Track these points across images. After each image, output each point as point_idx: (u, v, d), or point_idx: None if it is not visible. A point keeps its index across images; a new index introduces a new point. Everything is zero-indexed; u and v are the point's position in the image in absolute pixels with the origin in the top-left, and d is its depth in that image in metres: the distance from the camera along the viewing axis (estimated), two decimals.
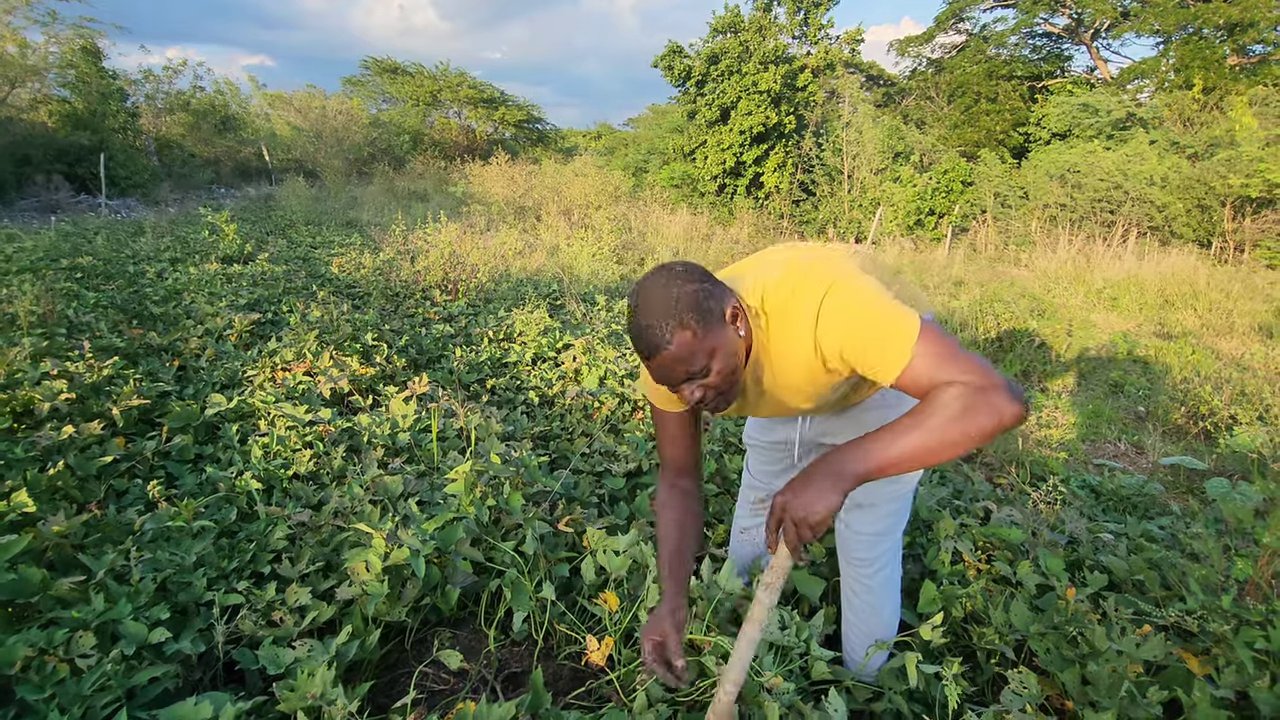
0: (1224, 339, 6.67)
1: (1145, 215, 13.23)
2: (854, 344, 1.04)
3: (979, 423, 0.94)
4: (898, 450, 0.98)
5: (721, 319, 1.07)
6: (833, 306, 1.05)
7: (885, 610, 1.53)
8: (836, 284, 1.06)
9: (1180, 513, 2.72)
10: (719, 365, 1.08)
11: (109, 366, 2.75)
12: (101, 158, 12.44)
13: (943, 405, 0.96)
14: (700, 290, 1.05)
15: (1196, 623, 1.60)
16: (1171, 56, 16.61)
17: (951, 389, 0.96)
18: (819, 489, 1.01)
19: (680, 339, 1.04)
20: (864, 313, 1.04)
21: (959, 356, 0.99)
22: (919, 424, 0.97)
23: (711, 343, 1.06)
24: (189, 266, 5.61)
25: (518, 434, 2.77)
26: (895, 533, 1.49)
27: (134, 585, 1.48)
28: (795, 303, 1.09)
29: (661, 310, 1.04)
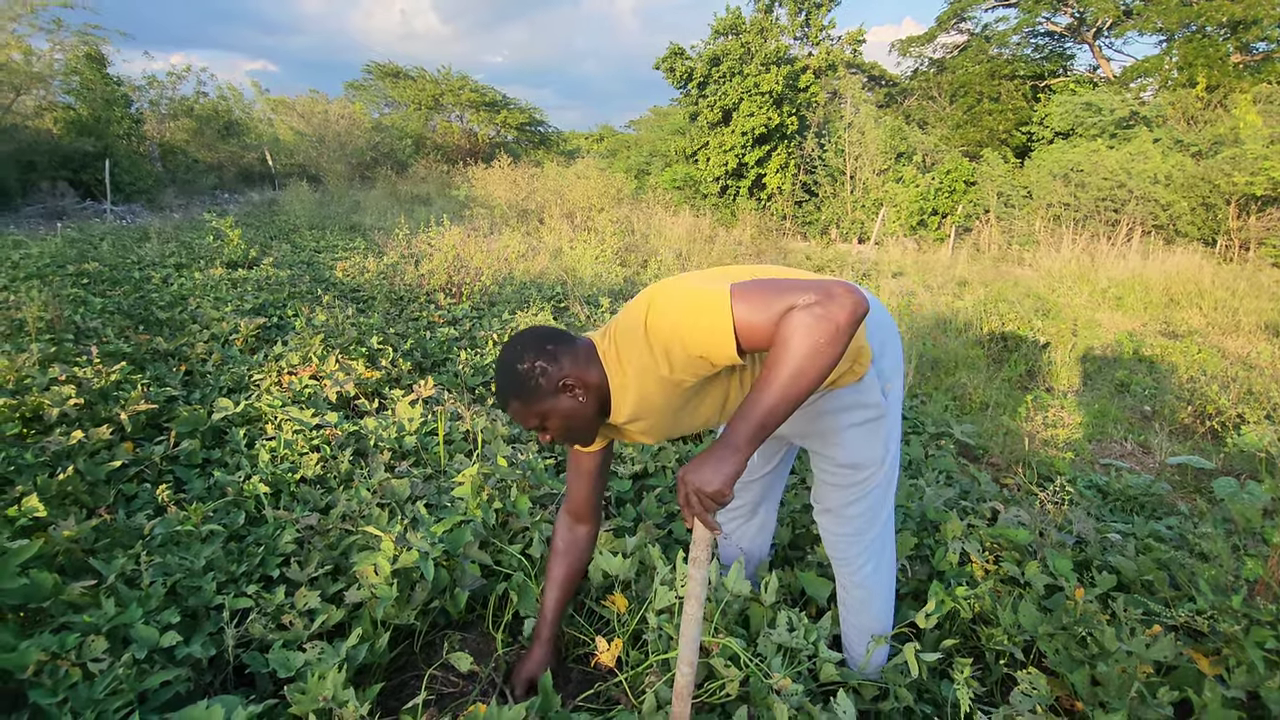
0: (1230, 338, 6.65)
1: (1149, 214, 13.19)
2: (686, 338, 1.11)
3: (823, 331, 1.01)
4: (772, 395, 1.05)
5: (552, 391, 1.21)
6: (654, 317, 1.14)
7: (875, 603, 1.55)
8: (655, 298, 1.16)
9: (1188, 513, 2.71)
10: (552, 424, 1.25)
11: (116, 372, 2.76)
12: (106, 164, 12.50)
13: (788, 335, 1.03)
14: (532, 369, 1.20)
15: (1207, 623, 1.59)
16: (1175, 55, 16.57)
17: (788, 320, 1.03)
18: (714, 460, 1.10)
19: (513, 406, 1.23)
20: (678, 308, 1.12)
21: (776, 290, 1.06)
22: (777, 363, 1.04)
23: (540, 408, 1.22)
24: (194, 272, 5.64)
25: (523, 436, 2.78)
26: (870, 531, 1.50)
27: (144, 589, 1.49)
28: (630, 332, 1.19)
29: (501, 380, 1.23)
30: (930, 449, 3.12)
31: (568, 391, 1.22)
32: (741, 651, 1.43)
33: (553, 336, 1.25)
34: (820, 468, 1.50)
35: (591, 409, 1.24)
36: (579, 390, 1.22)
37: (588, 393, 1.23)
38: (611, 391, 1.25)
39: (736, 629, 1.60)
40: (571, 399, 1.22)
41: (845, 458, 1.42)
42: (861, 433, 1.40)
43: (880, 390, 1.39)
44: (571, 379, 1.21)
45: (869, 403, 1.38)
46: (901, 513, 2.19)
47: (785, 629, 1.53)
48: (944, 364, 4.80)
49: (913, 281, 8.63)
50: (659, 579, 1.63)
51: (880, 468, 1.44)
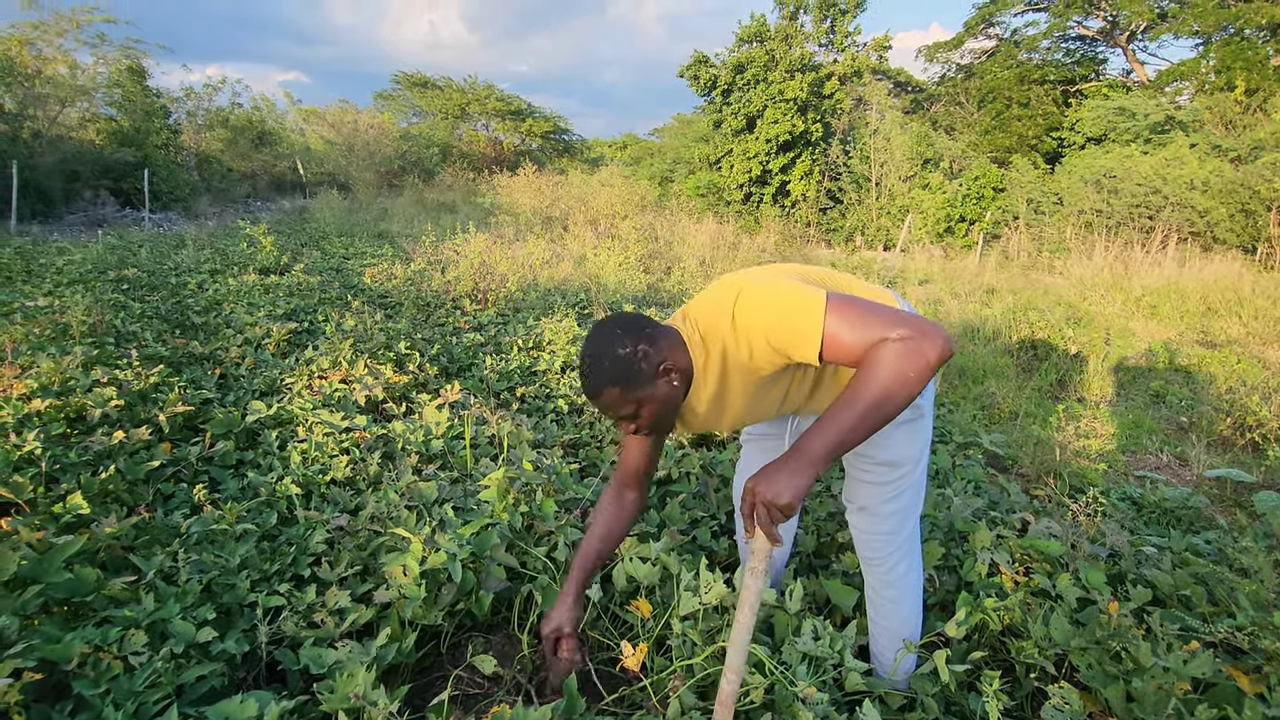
0: (1272, 348, 6.45)
1: (1186, 220, 12.87)
2: (771, 331, 1.14)
3: (914, 365, 1.05)
4: (854, 415, 1.08)
5: (651, 376, 1.20)
6: (744, 306, 1.16)
7: (905, 605, 1.54)
8: (745, 286, 1.18)
9: (1227, 527, 2.64)
10: (646, 412, 1.23)
11: (155, 374, 2.85)
12: (145, 173, 12.91)
13: (876, 366, 1.06)
14: (633, 353, 1.18)
15: (1246, 639, 1.55)
16: (1212, 58, 16.17)
17: (880, 348, 1.06)
18: (788, 472, 1.09)
19: (608, 395, 1.20)
20: (770, 302, 1.15)
21: (873, 315, 1.09)
22: (864, 386, 1.07)
23: (637, 396, 1.20)
24: (228, 278, 5.78)
25: (548, 441, 2.80)
26: (903, 530, 1.51)
27: (181, 586, 1.53)
28: (716, 317, 1.20)
29: (595, 367, 1.20)
30: (958, 458, 3.07)
31: (665, 376, 1.22)
32: (766, 659, 1.42)
33: (646, 321, 1.24)
34: (857, 465, 1.50)
35: (682, 394, 1.25)
36: (675, 375, 1.22)
37: (681, 378, 1.24)
38: (694, 375, 1.26)
39: (761, 637, 1.60)
40: (668, 384, 1.22)
41: (884, 455, 1.42)
42: (903, 431, 1.41)
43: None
44: (669, 363, 1.21)
45: (915, 402, 1.40)
46: (929, 522, 2.16)
47: (810, 637, 1.52)
48: (972, 372, 4.73)
49: (939, 289, 8.53)
50: (683, 585, 1.63)
51: (915, 466, 1.45)
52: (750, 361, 1.19)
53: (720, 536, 2.18)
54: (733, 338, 1.18)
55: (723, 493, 2.41)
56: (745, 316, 1.16)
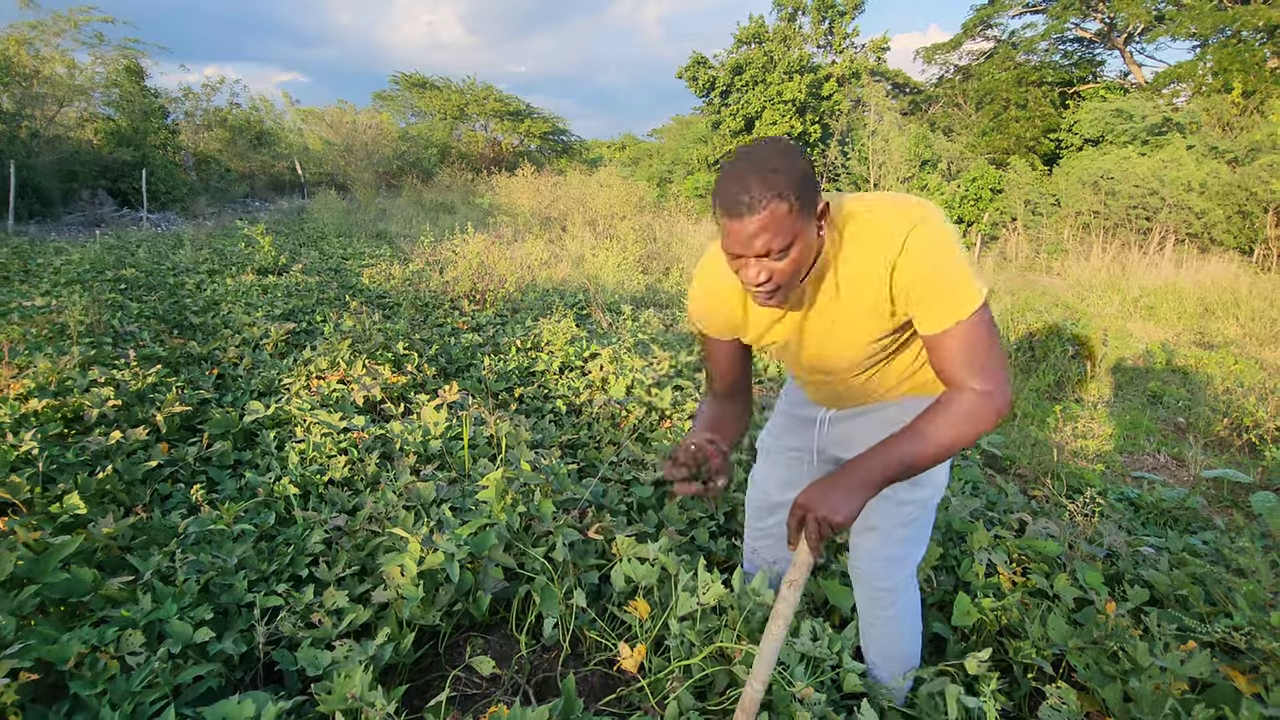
0: (1269, 349, 6.47)
1: (1183, 222, 12.90)
2: (925, 284, 1.06)
3: (975, 429, 1.08)
4: (918, 449, 1.09)
5: (814, 210, 1.03)
6: (921, 238, 1.05)
7: (906, 642, 1.49)
8: (929, 219, 1.06)
9: (1224, 527, 2.64)
10: (795, 253, 1.03)
11: (152, 374, 2.84)
12: (143, 173, 12.89)
13: (957, 415, 1.08)
14: (808, 172, 1.02)
15: (1244, 639, 1.55)
16: (1209, 60, 16.21)
17: (964, 396, 1.08)
18: (843, 491, 1.08)
19: (775, 209, 0.99)
20: (946, 258, 1.06)
21: (990, 357, 1.08)
22: (935, 430, 1.08)
23: (798, 226, 1.01)
24: (226, 278, 5.77)
25: (546, 442, 2.80)
26: (912, 559, 1.45)
27: (179, 586, 1.53)
28: (881, 226, 1.07)
29: (766, 174, 0.99)
30: (956, 459, 3.08)
31: (821, 220, 1.06)
32: None
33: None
34: None
35: (814, 259, 1.10)
36: (825, 229, 1.08)
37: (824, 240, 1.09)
38: (816, 264, 1.12)
39: (759, 637, 1.60)
40: (817, 234, 1.06)
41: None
42: None
43: None
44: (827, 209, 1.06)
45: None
46: None
47: (809, 638, 1.52)
48: None
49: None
50: (681, 586, 1.63)
51: (938, 490, 1.40)
52: (880, 289, 1.08)
53: (718, 537, 2.18)
54: (887, 259, 1.06)
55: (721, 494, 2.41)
56: (915, 251, 1.04)
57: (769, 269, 1.05)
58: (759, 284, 1.06)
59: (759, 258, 1.04)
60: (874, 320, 1.15)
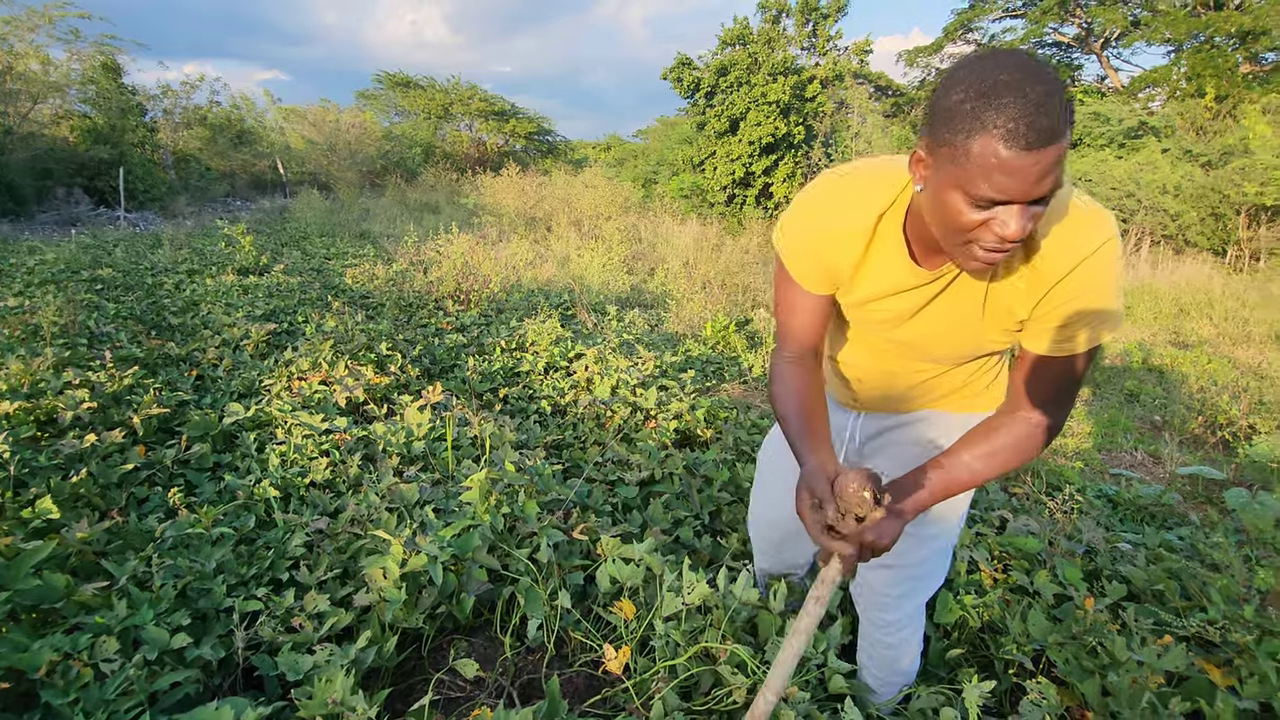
0: (1241, 348, 6.60)
1: (1159, 224, 13.14)
2: (1079, 310, 0.91)
3: (1023, 459, 1.03)
4: (959, 478, 1.03)
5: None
6: (1106, 259, 0.89)
7: (904, 661, 1.46)
8: (1117, 239, 0.90)
9: (1199, 523, 2.69)
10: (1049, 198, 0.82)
11: (129, 376, 2.79)
12: (120, 171, 12.67)
13: (1005, 441, 1.01)
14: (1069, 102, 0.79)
15: (1218, 633, 1.58)
16: (1183, 65, 16.53)
17: (1019, 424, 1.01)
18: (892, 519, 0.98)
19: (1062, 144, 0.77)
20: (1113, 287, 0.91)
21: (1075, 391, 1.02)
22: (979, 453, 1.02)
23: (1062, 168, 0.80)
24: (206, 278, 5.69)
25: (531, 443, 2.78)
26: (923, 594, 1.39)
27: (155, 591, 1.50)
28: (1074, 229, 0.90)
29: (1054, 96, 0.76)
30: None
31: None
32: (749, 659, 1.42)
33: None
34: None
35: None
36: None
37: None
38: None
39: (745, 636, 1.60)
40: None
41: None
42: None
43: None
44: None
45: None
46: None
47: None
48: None
49: None
50: (666, 586, 1.63)
51: (958, 523, 1.31)
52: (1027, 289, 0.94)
53: (703, 535, 2.19)
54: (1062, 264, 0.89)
55: (706, 493, 2.41)
56: (1092, 273, 0.89)
57: (1034, 219, 0.82)
58: (1015, 241, 0.82)
59: (1033, 203, 0.80)
60: (1009, 319, 1.00)
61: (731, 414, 3.18)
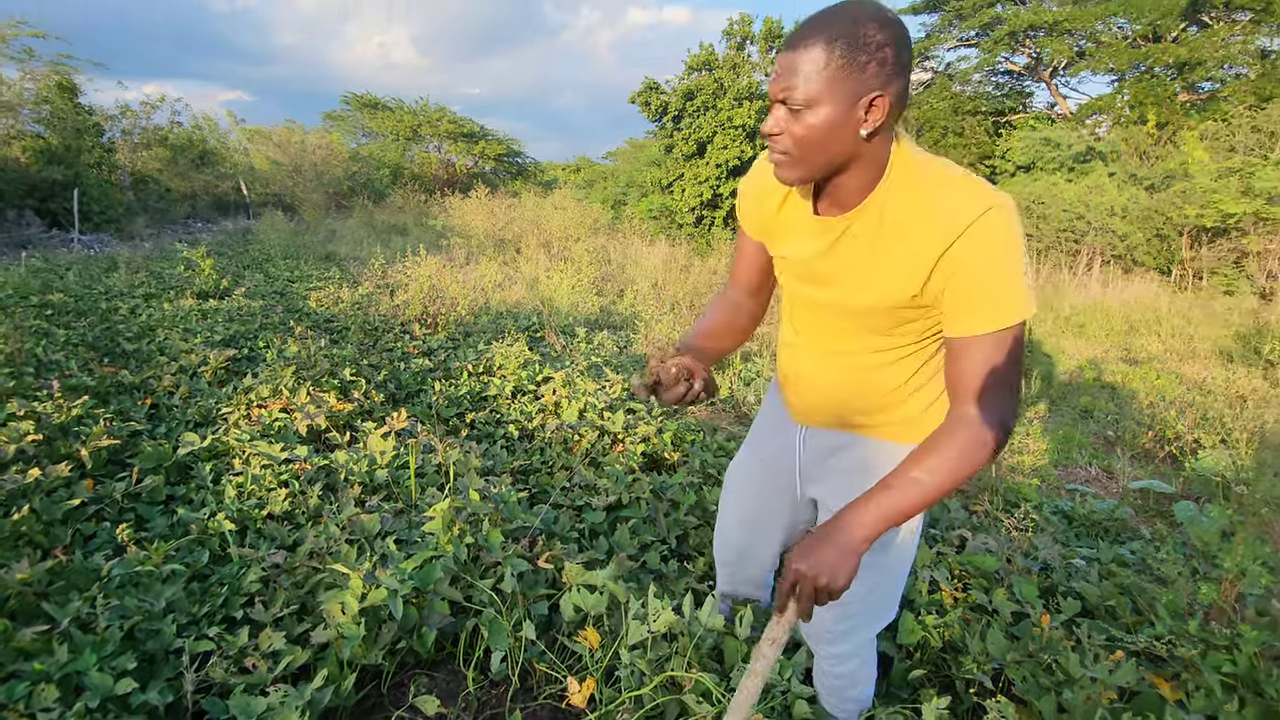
0: (1187, 363, 6.88)
1: (1108, 244, 13.68)
2: (975, 279, 0.96)
3: (974, 465, 0.99)
4: (909, 497, 0.99)
5: (862, 94, 0.92)
6: (992, 225, 0.94)
7: (853, 690, 1.45)
8: (1006, 207, 0.95)
9: (1150, 536, 2.78)
10: (812, 119, 0.93)
11: (78, 406, 2.70)
12: (75, 193, 12.32)
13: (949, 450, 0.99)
14: (885, 50, 0.90)
15: (1165, 648, 1.63)
16: (1126, 93, 17.36)
17: (960, 428, 0.99)
18: (837, 554, 0.99)
19: (815, 55, 0.90)
20: (1009, 257, 0.95)
21: (1011, 380, 0.99)
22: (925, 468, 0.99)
23: (830, 89, 0.91)
24: (163, 302, 5.55)
25: (497, 468, 2.76)
26: (872, 628, 1.37)
27: (100, 634, 1.45)
28: (953, 194, 0.96)
29: (837, 19, 0.90)
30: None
31: (865, 113, 0.94)
32: (714, 687, 1.42)
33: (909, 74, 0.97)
34: None
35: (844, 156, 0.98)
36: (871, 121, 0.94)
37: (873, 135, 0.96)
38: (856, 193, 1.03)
39: (710, 663, 1.60)
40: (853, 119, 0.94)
41: None
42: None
43: None
44: (885, 101, 0.93)
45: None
46: None
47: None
48: None
49: None
50: (631, 614, 1.62)
51: (909, 551, 1.30)
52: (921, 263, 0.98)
53: (670, 560, 2.19)
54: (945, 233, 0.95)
55: (672, 517, 2.42)
56: (980, 238, 0.94)
57: (782, 123, 0.96)
58: (770, 134, 0.98)
59: (779, 103, 0.96)
60: (903, 277, 1.03)
61: (698, 436, 3.20)
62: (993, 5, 19.69)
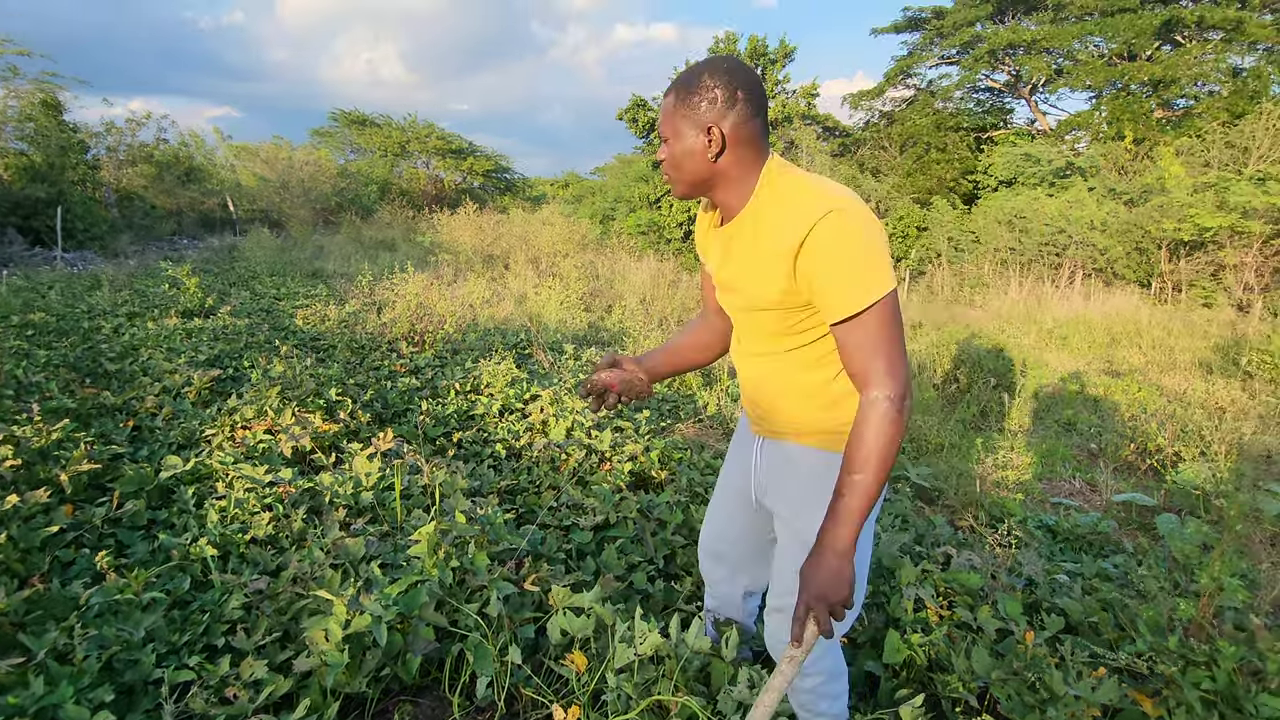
0: (1168, 375, 6.97)
1: (1089, 258, 13.89)
2: (828, 271, 1.11)
3: (894, 433, 1.10)
4: (859, 493, 1.11)
5: (703, 125, 1.18)
6: (830, 225, 1.10)
7: (821, 704, 1.47)
8: (845, 209, 1.11)
9: (1133, 550, 2.81)
10: (673, 148, 1.23)
11: (59, 429, 2.67)
12: (59, 210, 12.22)
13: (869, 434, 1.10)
14: (715, 91, 1.17)
15: (1146, 664, 1.64)
16: (1103, 110, 17.74)
17: (870, 409, 1.11)
18: (830, 572, 1.11)
19: (667, 102, 1.22)
20: (854, 246, 1.10)
21: (892, 352, 1.12)
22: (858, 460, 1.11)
23: (676, 125, 1.21)
24: (147, 321, 5.50)
25: (484, 488, 2.75)
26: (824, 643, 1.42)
27: (77, 664, 1.42)
28: (799, 201, 1.15)
29: (681, 75, 1.22)
30: (888, 493, 3.18)
31: (708, 135, 1.19)
32: (700, 710, 1.42)
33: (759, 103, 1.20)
34: (788, 550, 1.36)
35: (704, 174, 1.23)
36: (716, 144, 1.19)
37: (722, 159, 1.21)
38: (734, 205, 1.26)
39: (697, 686, 1.60)
40: (701, 144, 1.20)
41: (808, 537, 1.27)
42: None
43: None
44: (722, 131, 1.18)
45: None
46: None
47: (746, 686, 1.53)
48: None
49: None
50: (618, 637, 1.62)
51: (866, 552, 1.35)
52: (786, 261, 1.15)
53: (657, 580, 2.18)
54: (797, 233, 1.12)
55: (660, 536, 2.42)
56: (824, 236, 1.10)
57: (663, 152, 1.26)
58: (658, 161, 1.30)
59: (662, 139, 1.26)
60: (773, 274, 1.19)
61: (685, 454, 3.20)
62: (972, 25, 20.11)
